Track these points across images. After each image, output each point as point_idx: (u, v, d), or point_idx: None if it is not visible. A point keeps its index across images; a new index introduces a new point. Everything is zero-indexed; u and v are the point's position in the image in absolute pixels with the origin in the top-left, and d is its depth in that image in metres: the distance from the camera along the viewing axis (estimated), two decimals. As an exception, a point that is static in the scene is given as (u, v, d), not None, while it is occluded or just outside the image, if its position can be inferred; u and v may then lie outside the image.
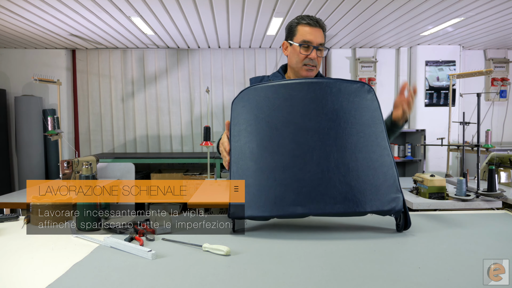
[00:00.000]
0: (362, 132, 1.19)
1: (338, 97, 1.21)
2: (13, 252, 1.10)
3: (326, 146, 1.18)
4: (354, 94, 1.22)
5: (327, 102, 1.20)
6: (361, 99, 1.21)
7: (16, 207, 2.84)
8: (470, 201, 2.64)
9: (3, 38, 4.51)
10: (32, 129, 4.92)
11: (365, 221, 1.40)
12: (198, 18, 3.83)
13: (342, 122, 1.19)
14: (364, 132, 1.19)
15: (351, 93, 1.21)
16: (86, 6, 3.38)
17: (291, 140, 1.20)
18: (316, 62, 1.51)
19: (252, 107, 1.24)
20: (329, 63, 5.41)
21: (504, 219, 1.44)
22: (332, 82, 1.23)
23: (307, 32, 1.49)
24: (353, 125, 1.19)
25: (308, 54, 1.49)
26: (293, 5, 3.43)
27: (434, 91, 5.22)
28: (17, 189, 5.07)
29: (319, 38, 1.49)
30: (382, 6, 3.47)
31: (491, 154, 3.25)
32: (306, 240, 1.18)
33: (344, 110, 1.20)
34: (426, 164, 5.19)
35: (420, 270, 0.94)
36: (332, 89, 1.21)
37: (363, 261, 1.00)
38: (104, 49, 5.27)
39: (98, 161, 4.00)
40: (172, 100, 5.36)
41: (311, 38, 1.48)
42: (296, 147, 1.19)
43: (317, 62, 1.51)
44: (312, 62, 1.50)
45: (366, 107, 1.21)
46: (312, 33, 1.49)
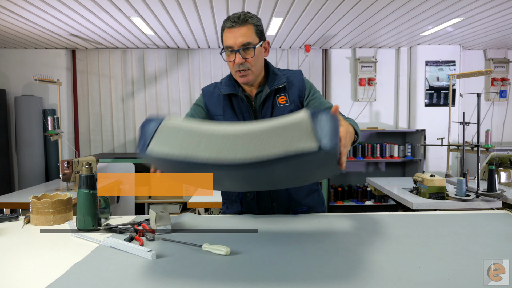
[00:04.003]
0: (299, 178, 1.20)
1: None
2: (13, 252, 1.10)
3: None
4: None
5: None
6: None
7: (16, 207, 2.84)
8: (470, 201, 2.64)
9: (3, 38, 4.51)
10: (32, 129, 4.92)
11: (365, 221, 1.40)
12: (198, 18, 3.83)
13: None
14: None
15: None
16: (86, 6, 3.38)
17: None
18: (248, 65, 1.36)
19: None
20: (329, 63, 5.41)
21: (504, 219, 1.44)
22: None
23: (227, 37, 1.36)
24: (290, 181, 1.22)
25: (233, 60, 1.36)
26: (293, 5, 3.43)
27: (434, 91, 5.22)
28: (17, 189, 5.06)
29: (240, 38, 1.34)
30: (382, 6, 3.47)
31: (491, 154, 3.25)
32: (306, 240, 1.18)
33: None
34: (426, 164, 5.19)
35: (420, 270, 0.94)
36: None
37: (363, 261, 1.00)
38: (104, 49, 5.27)
39: (98, 161, 4.00)
40: (172, 100, 5.36)
41: (230, 42, 1.35)
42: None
43: (250, 64, 1.37)
44: (242, 67, 1.36)
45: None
46: (231, 36, 1.35)
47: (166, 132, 0.93)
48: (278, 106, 1.44)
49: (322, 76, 5.50)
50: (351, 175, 5.46)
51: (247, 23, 1.35)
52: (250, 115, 1.44)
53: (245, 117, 1.44)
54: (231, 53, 1.37)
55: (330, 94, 5.43)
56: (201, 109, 1.51)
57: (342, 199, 5.19)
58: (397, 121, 5.44)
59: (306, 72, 5.41)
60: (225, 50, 1.38)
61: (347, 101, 5.40)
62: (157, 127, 0.94)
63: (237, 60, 1.35)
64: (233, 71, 1.41)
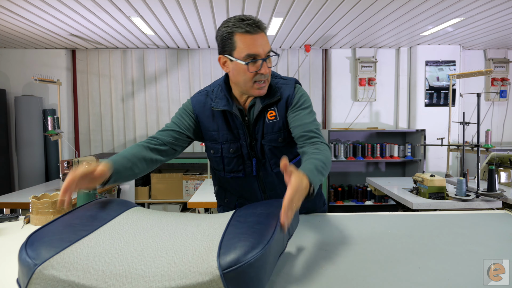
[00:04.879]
0: None
1: None
2: (13, 252, 1.10)
3: None
4: None
5: None
6: None
7: (16, 207, 2.84)
8: (470, 201, 2.64)
9: (3, 38, 4.52)
10: (32, 129, 4.92)
11: (365, 221, 1.40)
12: (198, 18, 3.83)
13: None
14: None
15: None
16: (86, 6, 3.38)
17: None
18: (267, 76, 1.26)
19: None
20: (329, 63, 5.41)
21: (504, 219, 1.44)
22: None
23: (250, 44, 1.19)
24: None
25: (259, 70, 1.21)
26: (293, 5, 3.43)
27: (434, 91, 5.22)
28: (17, 189, 5.07)
29: (265, 46, 1.21)
30: (382, 6, 3.47)
31: (491, 154, 3.25)
32: (306, 240, 1.18)
33: None
34: (426, 164, 5.19)
35: (420, 270, 0.94)
36: None
37: (363, 261, 1.00)
38: (104, 49, 5.27)
39: (98, 161, 3.99)
40: (172, 100, 5.37)
41: (258, 51, 1.19)
42: None
43: (268, 74, 1.26)
44: (264, 77, 1.24)
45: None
46: (256, 43, 1.19)
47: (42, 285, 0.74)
48: (267, 123, 1.32)
49: (322, 76, 5.50)
50: (351, 175, 5.46)
51: (264, 29, 1.23)
52: (244, 132, 1.34)
53: (239, 133, 1.34)
54: (254, 62, 1.20)
55: (330, 94, 5.43)
56: (190, 117, 1.37)
57: (342, 199, 5.19)
58: (397, 121, 5.44)
59: (306, 72, 5.42)
60: (248, 59, 1.20)
61: (347, 101, 5.40)
62: (31, 274, 0.74)
63: (266, 70, 1.22)
64: (250, 83, 1.24)
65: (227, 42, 1.22)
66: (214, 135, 1.37)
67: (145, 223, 0.94)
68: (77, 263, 0.75)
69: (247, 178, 1.39)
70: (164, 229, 0.90)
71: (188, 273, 0.72)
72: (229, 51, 1.22)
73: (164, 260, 0.76)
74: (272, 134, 1.33)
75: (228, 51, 1.23)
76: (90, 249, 0.79)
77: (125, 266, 0.75)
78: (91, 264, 0.75)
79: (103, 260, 0.76)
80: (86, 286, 0.72)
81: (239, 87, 1.30)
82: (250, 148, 1.36)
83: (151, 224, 0.93)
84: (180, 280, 0.71)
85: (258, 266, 0.75)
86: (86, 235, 0.84)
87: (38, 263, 0.75)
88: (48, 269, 0.74)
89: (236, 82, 1.28)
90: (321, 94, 5.52)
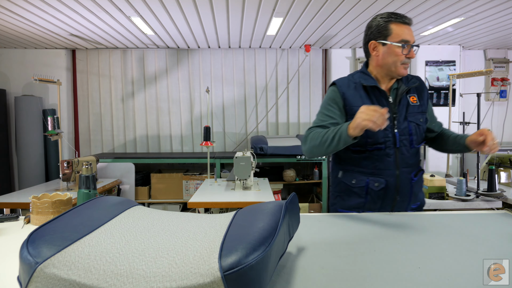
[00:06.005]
0: None
1: None
2: (13, 252, 1.10)
3: None
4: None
5: None
6: None
7: (16, 207, 2.84)
8: (470, 201, 2.64)
9: (3, 38, 4.51)
10: (32, 129, 4.92)
11: (365, 221, 1.40)
12: (198, 18, 3.83)
13: None
14: None
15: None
16: (86, 6, 3.38)
17: None
18: (410, 60, 1.54)
19: None
20: (329, 63, 5.41)
21: (504, 219, 1.44)
22: None
23: (404, 32, 1.48)
24: None
25: (407, 54, 1.49)
26: (293, 5, 3.43)
27: (434, 91, 5.22)
28: (17, 189, 5.07)
29: (413, 37, 1.51)
30: (382, 6, 3.47)
31: (491, 154, 3.25)
32: (306, 240, 1.18)
33: None
34: (426, 164, 5.19)
35: (420, 270, 0.94)
36: None
37: (363, 261, 1.00)
38: (104, 49, 5.27)
39: (98, 161, 4.00)
40: (172, 100, 5.37)
41: (409, 38, 1.48)
42: None
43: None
44: (409, 61, 1.52)
45: None
46: (409, 32, 1.49)
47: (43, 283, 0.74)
48: (411, 105, 1.58)
49: (322, 76, 5.50)
50: (351, 175, 5.45)
51: (412, 24, 1.52)
52: (388, 108, 1.47)
53: None
54: (404, 47, 1.47)
55: (330, 94, 5.42)
56: (336, 106, 1.55)
57: (342, 199, 5.18)
58: (397, 121, 5.43)
59: (306, 72, 5.42)
60: (402, 43, 1.47)
61: (347, 101, 5.39)
62: (32, 272, 0.74)
63: (413, 54, 1.49)
64: (398, 64, 1.50)
65: (383, 29, 1.49)
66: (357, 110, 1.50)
67: (146, 222, 0.94)
68: (78, 262, 0.75)
69: (386, 150, 1.54)
70: (165, 228, 0.90)
71: (189, 274, 0.72)
72: (384, 36, 1.49)
73: (165, 260, 0.76)
74: (416, 115, 1.58)
75: (383, 37, 1.49)
76: (91, 248, 0.79)
77: (126, 266, 0.74)
78: (92, 263, 0.75)
79: (104, 259, 0.76)
80: (87, 285, 0.72)
81: (385, 68, 1.54)
82: (392, 123, 1.55)
83: (152, 223, 0.94)
84: (181, 281, 0.71)
85: (259, 268, 0.75)
86: (87, 234, 0.84)
87: (40, 261, 0.74)
88: (49, 267, 0.74)
89: (385, 63, 1.53)
90: (321, 94, 5.52)
